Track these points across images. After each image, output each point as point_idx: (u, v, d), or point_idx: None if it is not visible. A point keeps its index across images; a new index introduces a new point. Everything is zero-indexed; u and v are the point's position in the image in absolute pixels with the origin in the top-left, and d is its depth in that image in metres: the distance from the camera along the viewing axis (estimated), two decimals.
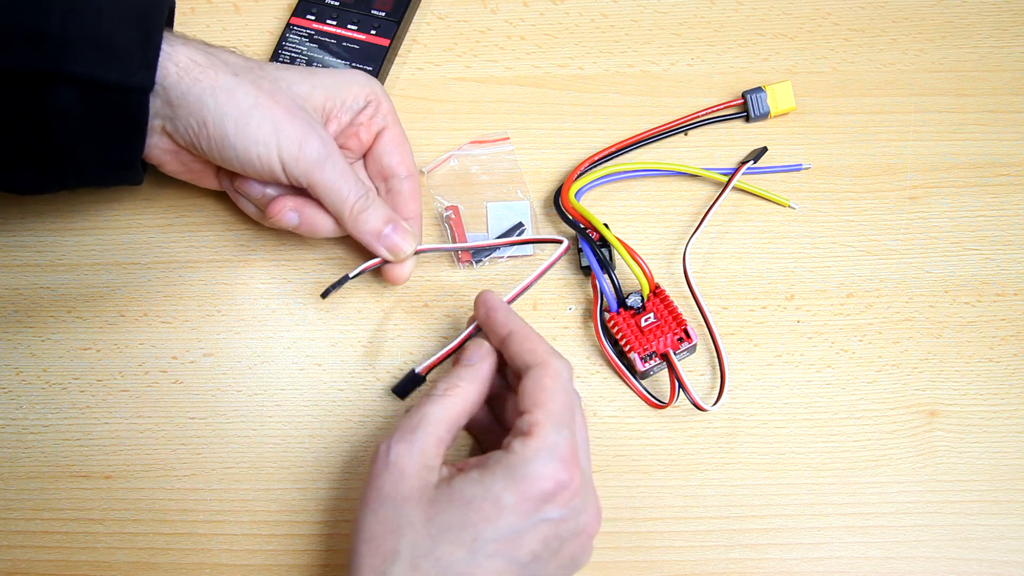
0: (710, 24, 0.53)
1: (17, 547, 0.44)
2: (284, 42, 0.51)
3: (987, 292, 0.48)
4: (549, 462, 0.36)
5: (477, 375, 0.40)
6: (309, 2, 0.52)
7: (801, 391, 0.46)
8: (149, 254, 0.48)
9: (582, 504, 0.37)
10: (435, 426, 0.38)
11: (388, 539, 0.35)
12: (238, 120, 0.40)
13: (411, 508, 0.36)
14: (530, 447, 0.36)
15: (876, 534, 0.44)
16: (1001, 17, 0.53)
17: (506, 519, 0.35)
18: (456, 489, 0.36)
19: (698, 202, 0.49)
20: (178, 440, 0.45)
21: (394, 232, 0.44)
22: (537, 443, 0.36)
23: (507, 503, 0.35)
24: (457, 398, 0.39)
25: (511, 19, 0.53)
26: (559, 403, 0.37)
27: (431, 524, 0.35)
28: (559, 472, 0.36)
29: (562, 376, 0.38)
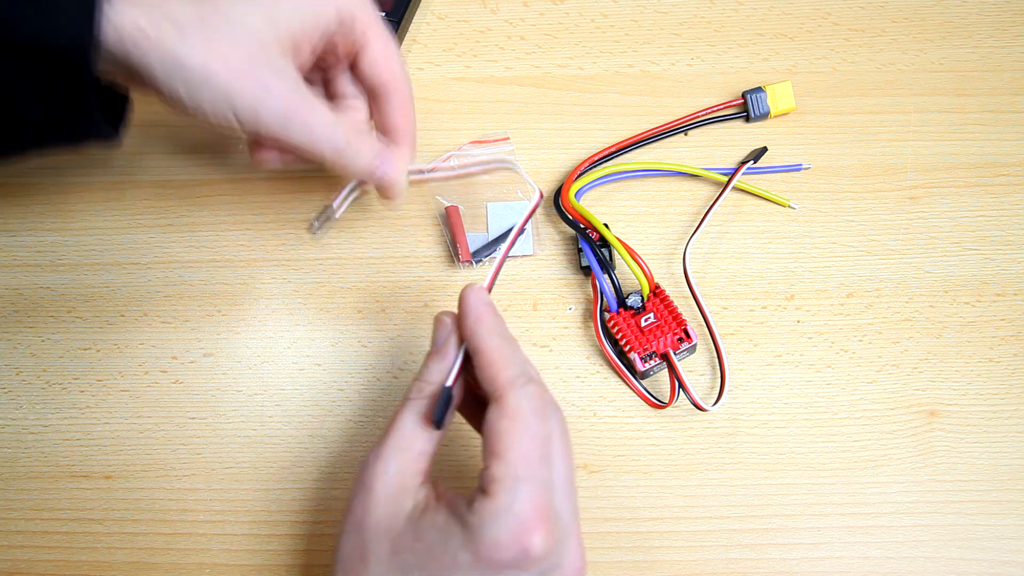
0: (710, 24, 0.53)
1: (17, 547, 0.44)
2: None
3: (987, 292, 0.48)
4: (507, 528, 0.32)
5: (446, 363, 0.37)
6: None
7: (801, 391, 0.46)
8: (149, 254, 0.48)
9: (557, 559, 0.33)
10: (412, 439, 0.35)
11: (356, 567, 0.34)
12: (189, 88, 0.37)
13: (381, 539, 0.34)
14: (487, 509, 0.33)
15: (876, 534, 0.44)
16: (1001, 17, 0.53)
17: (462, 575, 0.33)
18: (422, 530, 0.34)
19: (698, 202, 0.49)
20: (178, 440, 0.45)
21: (383, 165, 0.42)
22: (494, 505, 0.33)
23: (463, 562, 0.33)
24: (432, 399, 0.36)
25: (511, 19, 0.53)
26: (518, 452, 0.33)
27: (395, 557, 0.34)
28: (520, 538, 0.32)
29: (521, 415, 0.34)
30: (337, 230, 0.49)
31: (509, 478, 0.33)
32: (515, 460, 0.33)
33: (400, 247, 0.48)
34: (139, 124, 0.51)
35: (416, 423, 0.36)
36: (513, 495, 0.33)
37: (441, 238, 0.49)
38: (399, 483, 0.35)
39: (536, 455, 0.34)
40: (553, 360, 0.47)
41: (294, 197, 0.50)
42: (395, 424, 0.36)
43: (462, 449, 0.46)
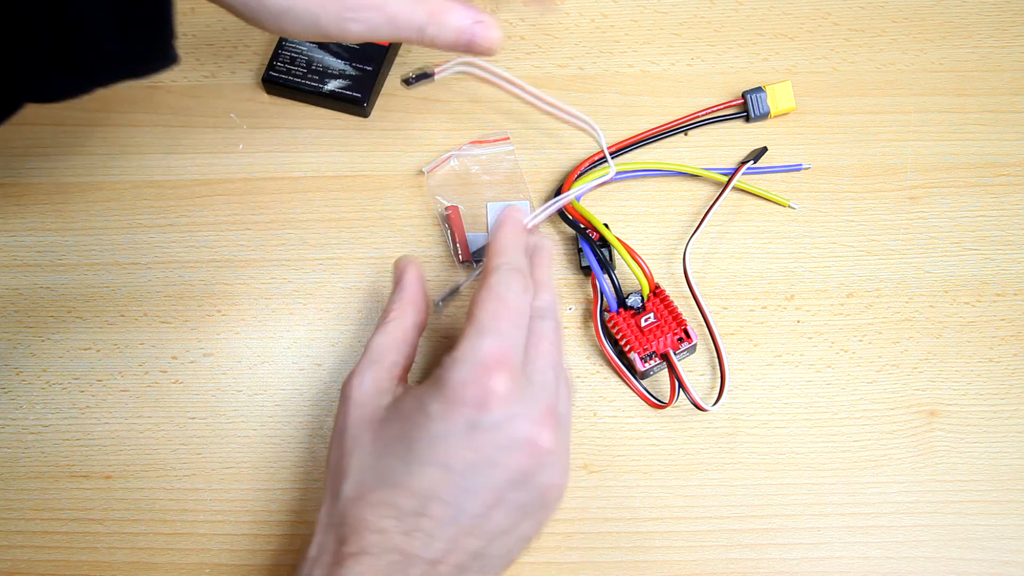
0: (710, 24, 0.53)
1: (17, 547, 0.44)
2: (284, 41, 0.51)
3: (987, 292, 0.48)
4: (470, 367, 0.35)
5: (405, 294, 0.41)
6: None
7: (801, 391, 0.46)
8: (149, 254, 0.48)
9: (520, 410, 0.35)
10: (382, 353, 0.39)
11: (343, 462, 0.37)
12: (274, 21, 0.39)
13: (363, 431, 0.37)
14: (451, 357, 0.35)
15: (876, 534, 0.44)
16: (1001, 17, 0.53)
17: (435, 426, 0.35)
18: (399, 406, 0.37)
19: (698, 202, 0.49)
20: (178, 440, 0.45)
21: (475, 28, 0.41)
22: (457, 353, 0.35)
23: (433, 412, 0.35)
24: (395, 322, 0.40)
25: (511, 19, 0.53)
26: (485, 311, 0.36)
27: (377, 439, 0.36)
28: (481, 378, 0.34)
29: (497, 288, 0.37)
30: (337, 230, 0.49)
31: (473, 332, 0.36)
32: (482, 317, 0.36)
33: (400, 247, 0.48)
34: (140, 124, 0.51)
35: (385, 341, 0.39)
36: (477, 342, 0.35)
37: (441, 238, 0.49)
38: (375, 387, 0.38)
39: (506, 318, 0.37)
40: None
41: (294, 197, 0.50)
42: (368, 345, 0.40)
43: None
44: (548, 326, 0.39)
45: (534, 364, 0.37)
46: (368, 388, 0.38)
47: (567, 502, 0.45)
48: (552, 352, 0.38)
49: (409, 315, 0.41)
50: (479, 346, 0.35)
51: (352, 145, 0.50)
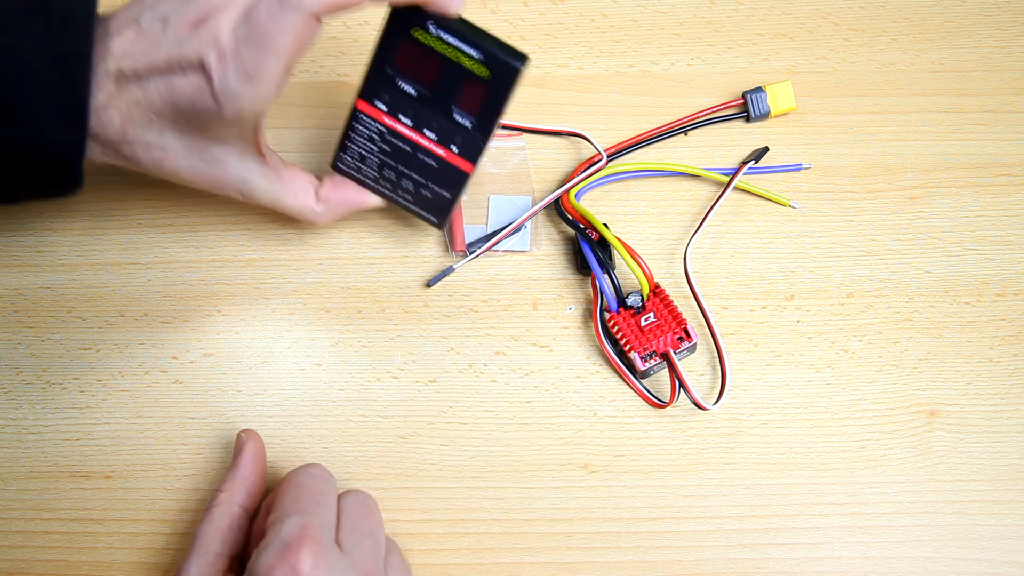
0: (710, 24, 0.53)
1: (17, 547, 0.44)
2: (352, 133, 0.42)
3: (987, 292, 0.48)
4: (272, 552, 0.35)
5: (238, 473, 0.41)
6: (380, 82, 0.40)
7: (801, 391, 0.46)
8: (149, 254, 0.48)
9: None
10: (207, 544, 0.39)
11: None
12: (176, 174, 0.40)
13: None
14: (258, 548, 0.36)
15: (876, 534, 0.44)
16: (1001, 17, 0.53)
17: None
18: None
19: (698, 202, 0.49)
20: (178, 440, 0.45)
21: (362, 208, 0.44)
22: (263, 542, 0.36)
23: None
24: (222, 507, 0.40)
25: (511, 19, 0.53)
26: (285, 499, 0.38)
27: None
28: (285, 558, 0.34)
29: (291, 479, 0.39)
30: (337, 230, 0.49)
31: (276, 519, 0.37)
32: (282, 504, 0.37)
33: (400, 247, 0.48)
34: None
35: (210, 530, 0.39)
36: (278, 526, 0.36)
37: (441, 238, 0.49)
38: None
39: (306, 499, 0.37)
40: (553, 360, 0.47)
41: None
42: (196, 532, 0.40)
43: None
44: (357, 499, 0.39)
45: (347, 535, 0.37)
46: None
47: (567, 502, 0.45)
48: (366, 522, 0.38)
49: (238, 498, 0.41)
50: (280, 529, 0.36)
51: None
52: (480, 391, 0.46)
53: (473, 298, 0.48)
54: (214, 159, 0.40)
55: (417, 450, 0.46)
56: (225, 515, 0.40)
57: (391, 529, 0.43)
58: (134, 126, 0.37)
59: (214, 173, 0.40)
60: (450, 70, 0.39)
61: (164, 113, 0.37)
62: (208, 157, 0.40)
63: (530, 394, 0.46)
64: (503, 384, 0.46)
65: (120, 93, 0.37)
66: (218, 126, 0.38)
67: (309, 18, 0.35)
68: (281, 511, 0.37)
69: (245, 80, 0.35)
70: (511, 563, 0.44)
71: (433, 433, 0.46)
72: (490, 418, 0.46)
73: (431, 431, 0.46)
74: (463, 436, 0.46)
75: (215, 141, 0.39)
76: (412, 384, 0.46)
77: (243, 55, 0.35)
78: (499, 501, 0.45)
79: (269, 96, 0.37)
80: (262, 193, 0.42)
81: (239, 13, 0.35)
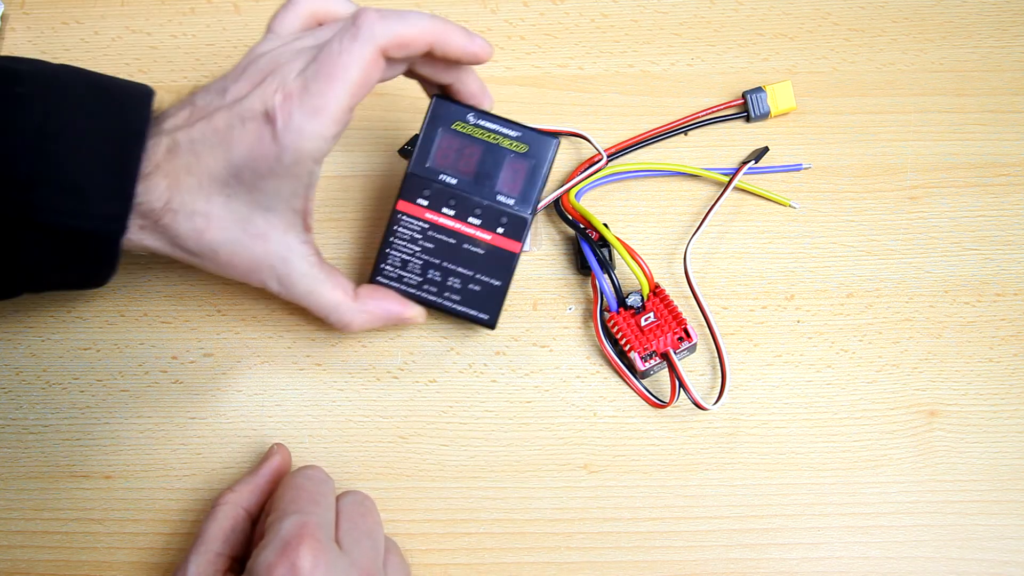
0: (710, 24, 0.53)
1: (17, 547, 0.44)
2: (393, 238, 0.43)
3: (987, 292, 0.48)
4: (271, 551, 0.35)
5: (254, 480, 0.42)
6: (419, 178, 0.42)
7: (801, 391, 0.46)
8: None
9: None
10: (208, 543, 0.39)
11: None
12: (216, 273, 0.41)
13: None
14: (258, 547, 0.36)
15: (876, 534, 0.44)
16: (1001, 17, 0.53)
17: None
18: None
19: (698, 202, 0.49)
20: (178, 440, 0.45)
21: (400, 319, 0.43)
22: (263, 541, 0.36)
23: None
24: (227, 506, 0.40)
25: (511, 19, 0.53)
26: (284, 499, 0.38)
27: None
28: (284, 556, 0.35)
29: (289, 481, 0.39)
30: (337, 231, 0.49)
31: (275, 518, 0.37)
32: (281, 505, 0.38)
33: None
34: None
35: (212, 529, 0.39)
36: (277, 526, 0.36)
37: None
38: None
39: (304, 499, 0.38)
40: (553, 360, 0.47)
41: None
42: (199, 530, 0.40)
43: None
44: (355, 499, 0.40)
45: (345, 534, 0.38)
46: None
47: (567, 502, 0.45)
48: (364, 521, 0.39)
49: (245, 501, 0.41)
50: (279, 528, 0.36)
51: (353, 145, 0.50)
52: (480, 391, 0.46)
53: None
54: (257, 231, 0.39)
55: (417, 450, 0.46)
56: (229, 515, 0.40)
57: (391, 529, 0.43)
58: (180, 192, 0.37)
59: (255, 248, 0.39)
60: (491, 153, 0.42)
61: (215, 174, 0.37)
62: (251, 228, 0.39)
63: (530, 394, 0.46)
64: (503, 384, 0.46)
65: (170, 160, 0.37)
66: (271, 180, 0.38)
67: (377, 52, 0.37)
68: (280, 511, 0.37)
69: (311, 115, 0.36)
70: (511, 563, 0.44)
71: (433, 433, 0.46)
72: (490, 418, 0.46)
73: (431, 431, 0.46)
74: (463, 436, 0.46)
75: (262, 209, 0.39)
76: (412, 384, 0.46)
77: (311, 90, 0.36)
78: (499, 501, 0.45)
79: (331, 132, 0.37)
80: (300, 277, 0.41)
81: (306, 60, 0.37)
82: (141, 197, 0.37)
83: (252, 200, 0.39)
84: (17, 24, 0.52)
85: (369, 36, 0.37)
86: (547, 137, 0.43)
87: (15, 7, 0.52)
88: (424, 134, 0.42)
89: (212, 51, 0.52)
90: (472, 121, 0.42)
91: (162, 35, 0.52)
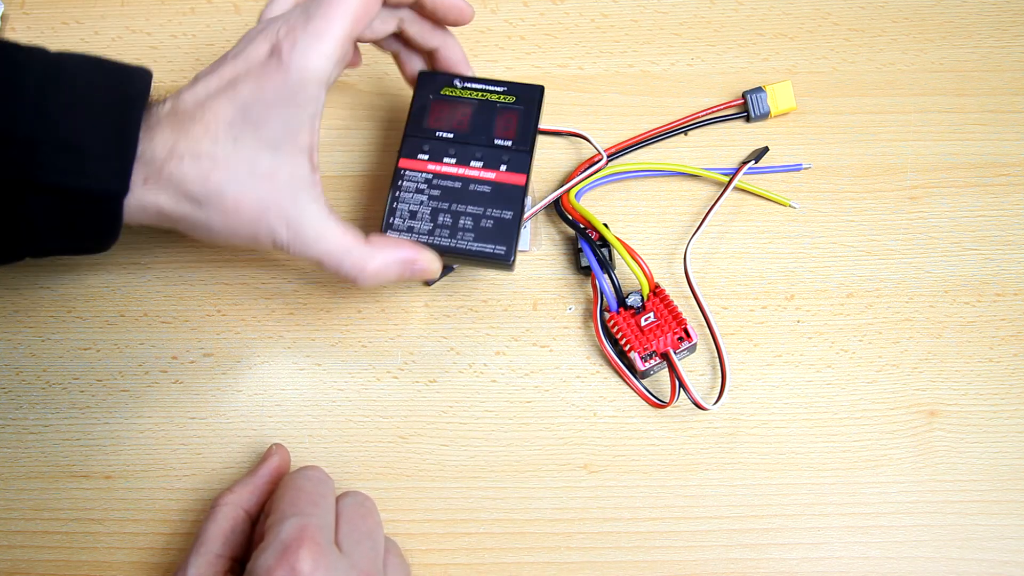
0: (710, 24, 0.53)
1: (17, 547, 0.44)
2: (399, 192, 0.42)
3: (987, 292, 0.48)
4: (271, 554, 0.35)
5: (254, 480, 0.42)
6: (417, 138, 0.43)
7: (801, 391, 0.46)
8: (149, 254, 0.48)
9: None
10: (207, 544, 0.38)
11: None
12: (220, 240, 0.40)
13: None
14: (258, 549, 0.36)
15: (876, 534, 0.44)
16: (1001, 17, 0.53)
17: None
18: None
19: (698, 202, 0.49)
20: (178, 440, 0.45)
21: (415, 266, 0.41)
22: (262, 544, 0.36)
23: None
24: (227, 507, 0.40)
25: (511, 19, 0.53)
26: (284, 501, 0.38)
27: None
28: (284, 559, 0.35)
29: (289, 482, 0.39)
30: None
31: (275, 521, 0.37)
32: (280, 507, 0.37)
33: None
34: None
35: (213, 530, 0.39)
36: (277, 528, 0.36)
37: None
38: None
39: (304, 501, 0.38)
40: (553, 360, 0.47)
41: None
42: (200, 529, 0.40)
43: None
44: (355, 500, 0.40)
45: (345, 536, 0.38)
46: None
47: (567, 502, 0.45)
48: (364, 523, 0.39)
49: (244, 502, 0.40)
50: (279, 531, 0.36)
51: (354, 146, 0.50)
52: (480, 391, 0.46)
53: (473, 298, 0.48)
54: (264, 170, 0.38)
55: (417, 450, 0.46)
56: (229, 516, 0.40)
57: (391, 529, 0.43)
58: (186, 138, 0.37)
59: (261, 189, 0.38)
60: (482, 108, 0.44)
61: (221, 117, 0.37)
62: (258, 169, 0.38)
63: (530, 394, 0.46)
64: (503, 384, 0.46)
65: (175, 112, 0.38)
66: (277, 111, 0.38)
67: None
68: (279, 513, 0.37)
69: (313, 38, 0.37)
70: (511, 563, 0.44)
71: (433, 433, 0.46)
72: (490, 418, 0.46)
73: (431, 431, 0.46)
74: (463, 436, 0.46)
75: (269, 148, 0.38)
76: (412, 384, 0.46)
77: (313, 16, 0.38)
78: (499, 501, 0.45)
79: (334, 54, 0.38)
80: (309, 219, 0.39)
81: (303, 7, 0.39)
82: (144, 147, 0.37)
83: (259, 138, 0.38)
84: (17, 24, 0.52)
85: None
86: (533, 86, 0.44)
87: (15, 7, 0.52)
88: (415, 104, 0.44)
89: (212, 51, 0.52)
90: (459, 84, 0.44)
91: (162, 35, 0.52)
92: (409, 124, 0.44)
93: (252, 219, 0.38)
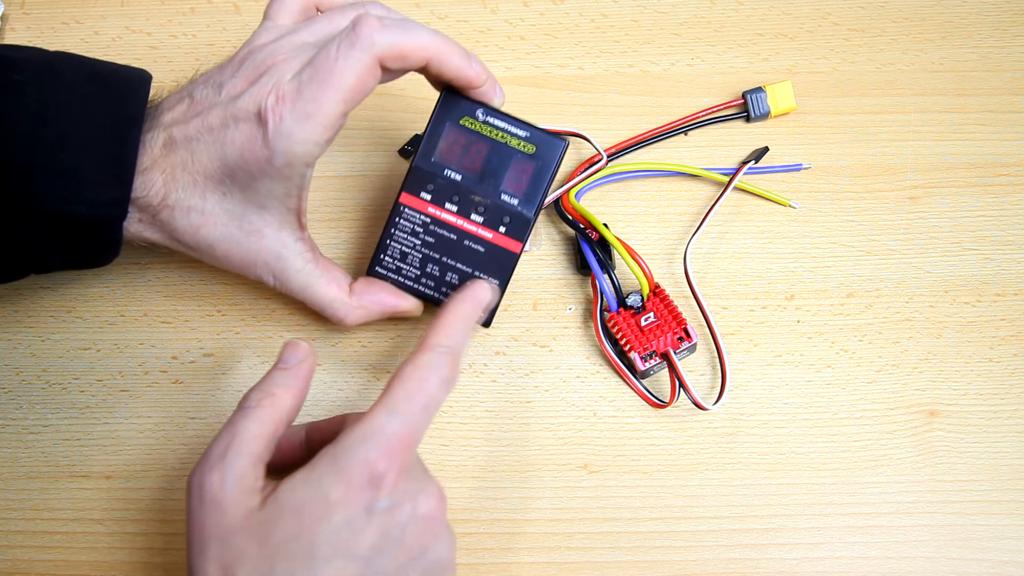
0: (710, 24, 0.53)
1: (17, 547, 0.44)
2: (394, 230, 0.42)
3: (987, 292, 0.48)
4: (372, 448, 0.34)
5: (294, 379, 0.37)
6: (424, 173, 0.42)
7: (801, 391, 0.46)
8: (149, 254, 0.48)
9: (416, 487, 0.35)
10: (249, 445, 0.35)
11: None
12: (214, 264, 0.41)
13: (240, 539, 0.33)
14: (356, 433, 0.34)
15: (876, 534, 0.44)
16: (1001, 17, 0.53)
17: (338, 515, 0.33)
18: (283, 499, 0.33)
19: (698, 202, 0.49)
20: (178, 440, 0.45)
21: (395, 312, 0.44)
22: (365, 428, 0.34)
23: (335, 498, 0.33)
24: (272, 408, 0.36)
25: (511, 19, 0.53)
26: (404, 390, 0.35)
27: (265, 545, 0.33)
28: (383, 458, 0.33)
29: (421, 368, 0.36)
30: (336, 231, 0.49)
31: (386, 410, 0.35)
32: (399, 396, 0.35)
33: None
34: None
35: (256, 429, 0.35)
36: (386, 420, 0.34)
37: None
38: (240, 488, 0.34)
39: (420, 402, 0.35)
40: (553, 360, 0.47)
41: None
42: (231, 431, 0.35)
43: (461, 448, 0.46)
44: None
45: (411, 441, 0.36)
46: (232, 488, 0.34)
47: (567, 502, 0.45)
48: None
49: (288, 403, 0.37)
50: (387, 426, 0.34)
51: (353, 145, 0.50)
52: (480, 391, 0.46)
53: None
54: (252, 228, 0.40)
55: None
56: (271, 418, 0.36)
57: None
58: (177, 189, 0.38)
59: (250, 244, 0.40)
60: (497, 151, 0.41)
61: (210, 172, 0.38)
62: (246, 225, 0.39)
63: (530, 394, 0.46)
64: (503, 384, 0.46)
65: (167, 156, 0.38)
66: (264, 181, 0.38)
67: (374, 61, 0.36)
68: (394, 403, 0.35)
69: (302, 119, 0.36)
70: (511, 563, 0.44)
71: (433, 433, 0.46)
72: (490, 418, 0.46)
73: (431, 431, 0.46)
74: (463, 436, 0.46)
75: (256, 207, 0.39)
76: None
77: (304, 95, 0.36)
78: (499, 501, 0.45)
79: (322, 138, 0.37)
80: (295, 274, 0.41)
81: (303, 61, 0.37)
82: (139, 192, 0.37)
83: (246, 198, 0.39)
84: (17, 24, 0.52)
85: (368, 44, 0.36)
86: (556, 139, 0.42)
87: (15, 7, 0.52)
88: (431, 128, 0.42)
89: (212, 51, 0.52)
90: (481, 118, 0.41)
91: (162, 35, 0.52)
92: (420, 152, 0.42)
93: (241, 266, 0.41)
